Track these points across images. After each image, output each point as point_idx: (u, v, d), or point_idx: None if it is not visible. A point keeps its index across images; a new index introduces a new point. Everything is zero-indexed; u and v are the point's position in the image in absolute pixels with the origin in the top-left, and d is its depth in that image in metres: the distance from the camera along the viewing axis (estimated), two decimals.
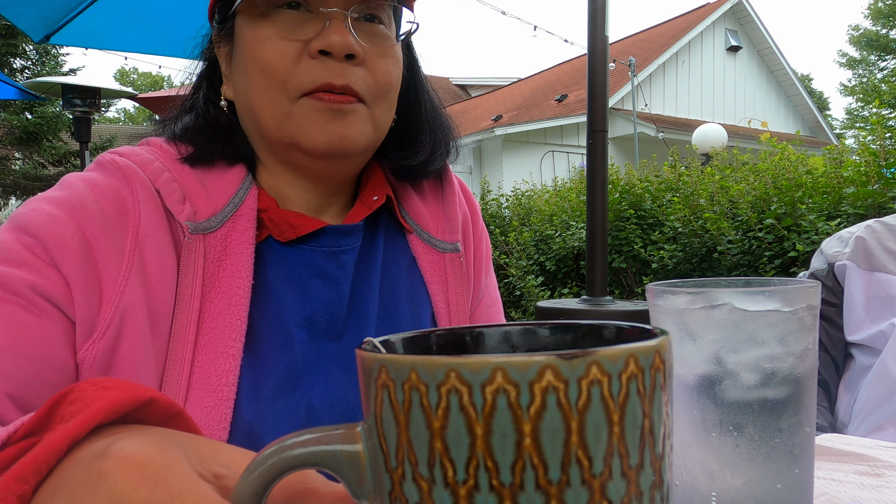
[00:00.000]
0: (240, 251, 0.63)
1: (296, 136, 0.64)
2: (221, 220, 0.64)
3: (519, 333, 0.32)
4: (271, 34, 0.63)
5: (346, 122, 0.64)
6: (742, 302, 0.40)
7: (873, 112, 3.45)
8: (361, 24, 0.66)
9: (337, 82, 0.63)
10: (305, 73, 0.63)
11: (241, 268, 0.63)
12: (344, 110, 0.64)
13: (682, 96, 13.95)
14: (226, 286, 0.62)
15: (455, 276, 0.77)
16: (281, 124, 0.64)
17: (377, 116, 0.68)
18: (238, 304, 0.62)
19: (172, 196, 0.63)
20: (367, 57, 0.66)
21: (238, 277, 0.62)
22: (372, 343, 0.27)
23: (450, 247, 0.77)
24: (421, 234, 0.76)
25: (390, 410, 0.23)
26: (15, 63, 12.66)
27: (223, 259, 0.63)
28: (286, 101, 0.63)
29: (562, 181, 6.57)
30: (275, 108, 0.64)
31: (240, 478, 0.27)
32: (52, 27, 2.36)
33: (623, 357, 0.22)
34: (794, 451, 0.40)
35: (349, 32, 0.63)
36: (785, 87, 15.72)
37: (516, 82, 18.38)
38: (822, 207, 3.28)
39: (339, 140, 0.64)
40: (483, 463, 0.21)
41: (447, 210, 0.79)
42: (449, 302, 0.76)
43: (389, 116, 0.70)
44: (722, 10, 14.23)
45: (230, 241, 0.64)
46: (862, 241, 1.09)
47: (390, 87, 0.68)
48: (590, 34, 3.05)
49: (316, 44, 0.62)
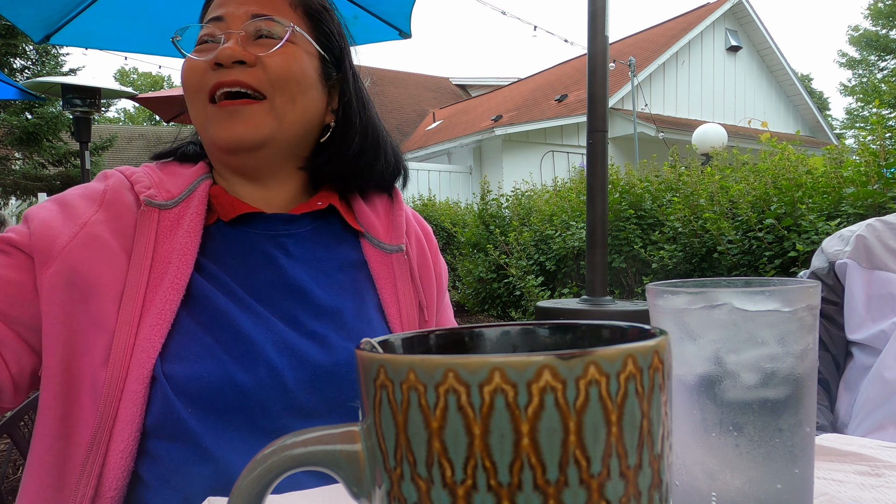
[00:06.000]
0: (190, 227, 0.77)
1: (211, 137, 0.79)
2: (177, 202, 0.79)
3: (518, 333, 0.32)
4: (190, 60, 0.80)
5: (242, 120, 0.78)
6: (742, 302, 0.40)
7: (873, 112, 3.45)
8: (257, 41, 0.80)
9: (226, 79, 0.77)
10: (206, 82, 0.78)
11: (189, 240, 0.76)
12: (239, 111, 0.78)
13: (682, 96, 13.94)
14: (175, 253, 0.74)
15: (402, 273, 0.87)
16: (204, 128, 0.80)
17: (279, 107, 0.80)
18: (182, 269, 0.74)
19: (141, 183, 0.79)
20: (260, 59, 0.79)
21: (186, 247, 0.75)
22: (370, 343, 0.27)
23: (395, 248, 0.88)
24: (371, 239, 0.88)
25: (389, 410, 0.23)
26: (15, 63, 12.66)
27: (174, 231, 0.76)
28: (202, 107, 0.80)
29: (562, 181, 6.57)
30: (198, 114, 0.80)
31: (239, 477, 0.27)
32: (52, 27, 2.36)
33: (621, 357, 0.22)
34: (794, 451, 0.40)
35: (235, 44, 0.78)
36: (785, 87, 15.72)
37: (516, 82, 18.37)
38: (822, 207, 3.28)
39: (237, 136, 0.78)
40: (481, 463, 0.21)
41: (395, 220, 0.92)
42: (398, 296, 0.85)
43: (296, 108, 0.82)
44: (722, 10, 14.22)
45: (182, 218, 0.77)
46: (863, 240, 1.09)
47: (287, 79, 0.80)
48: (590, 34, 3.05)
49: (210, 59, 0.78)
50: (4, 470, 2.63)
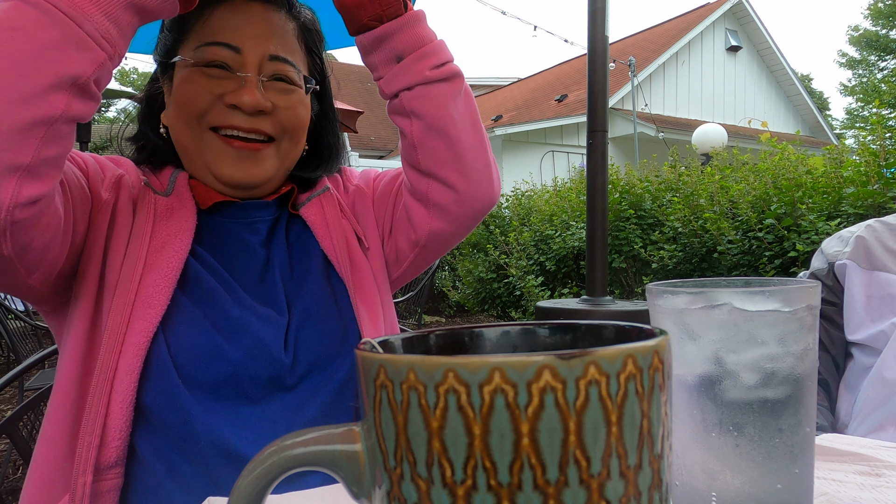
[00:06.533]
0: (183, 213, 0.81)
1: (209, 165, 0.82)
2: (167, 193, 0.83)
3: (518, 333, 0.32)
4: (197, 79, 0.80)
5: (255, 162, 0.83)
6: (742, 302, 0.40)
7: (873, 112, 3.45)
8: (272, 83, 0.83)
9: (245, 125, 0.80)
10: (216, 117, 0.80)
11: (186, 224, 0.80)
12: (253, 155, 0.82)
13: (682, 96, 13.95)
14: (174, 232, 0.79)
15: (330, 206, 0.92)
16: (198, 149, 0.82)
17: (284, 149, 0.85)
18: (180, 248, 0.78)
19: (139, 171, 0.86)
20: (276, 108, 0.82)
21: (182, 229, 0.80)
22: (371, 343, 0.27)
23: (321, 190, 0.93)
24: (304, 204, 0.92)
25: (389, 410, 0.23)
26: None
27: (170, 216, 0.81)
28: (198, 129, 0.81)
29: (562, 181, 6.57)
30: (195, 139, 0.82)
31: (239, 477, 0.27)
32: None
33: (621, 357, 0.22)
34: (794, 451, 0.40)
35: (259, 93, 0.80)
36: (785, 87, 15.72)
37: (516, 82, 18.38)
38: (822, 207, 3.28)
39: (250, 178, 0.83)
40: (481, 463, 0.21)
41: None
42: (330, 231, 0.89)
43: (297, 150, 0.88)
44: (722, 10, 14.23)
45: (174, 206, 0.82)
46: (862, 241, 1.09)
47: (297, 128, 0.86)
48: (590, 34, 3.05)
49: (229, 98, 0.80)
50: (4, 470, 2.63)
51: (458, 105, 0.83)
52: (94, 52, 0.63)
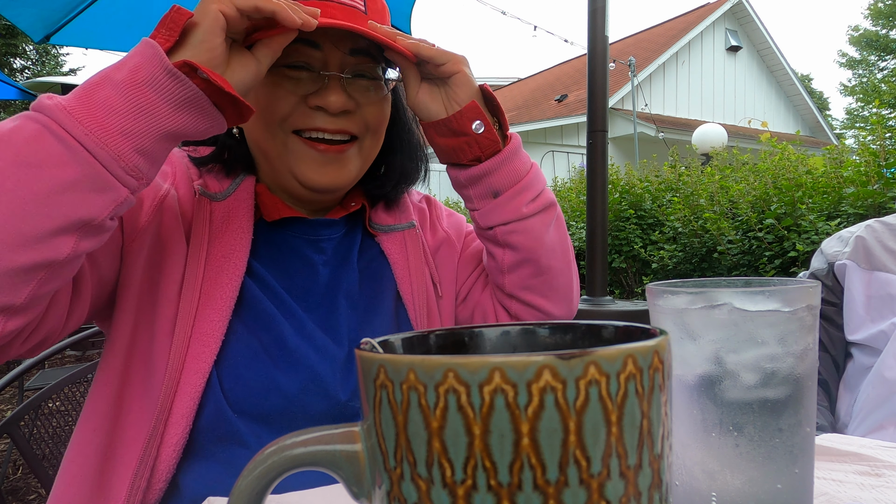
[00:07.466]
0: (240, 224, 0.77)
1: (293, 170, 0.78)
2: (226, 195, 0.79)
3: (518, 333, 0.32)
4: (278, 82, 0.75)
5: (340, 165, 0.78)
6: (742, 302, 0.40)
7: (873, 112, 3.45)
8: (354, 80, 0.78)
9: (330, 127, 0.76)
10: (300, 119, 0.76)
11: (241, 238, 0.76)
12: (338, 158, 0.78)
13: (682, 96, 13.94)
14: (230, 251, 0.75)
15: (413, 245, 0.89)
16: (280, 154, 0.77)
17: (367, 147, 0.81)
18: (236, 271, 0.74)
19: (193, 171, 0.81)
20: (360, 105, 0.78)
21: (239, 246, 0.76)
22: (371, 343, 0.27)
23: (406, 225, 0.90)
24: (381, 228, 0.89)
25: (389, 410, 0.23)
26: (15, 63, 12.65)
27: (226, 226, 0.76)
28: (281, 134, 0.77)
29: (562, 181, 6.57)
30: (277, 144, 0.77)
31: (239, 477, 0.27)
32: (52, 27, 2.36)
33: (621, 357, 0.22)
34: (794, 451, 0.40)
35: (343, 93, 0.75)
36: (785, 87, 15.72)
37: (516, 82, 18.37)
38: (822, 207, 3.27)
39: (335, 183, 0.79)
40: (481, 463, 0.21)
41: (400, 203, 0.93)
42: (410, 271, 0.86)
43: (377, 146, 0.84)
44: (722, 10, 14.23)
45: (232, 213, 0.78)
46: (862, 241, 1.09)
47: (380, 125, 0.82)
48: (590, 34, 3.05)
49: (314, 100, 0.75)
50: (4, 470, 2.63)
51: (550, 233, 0.81)
52: (117, 191, 0.56)
